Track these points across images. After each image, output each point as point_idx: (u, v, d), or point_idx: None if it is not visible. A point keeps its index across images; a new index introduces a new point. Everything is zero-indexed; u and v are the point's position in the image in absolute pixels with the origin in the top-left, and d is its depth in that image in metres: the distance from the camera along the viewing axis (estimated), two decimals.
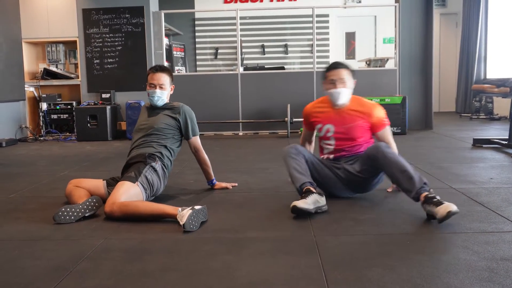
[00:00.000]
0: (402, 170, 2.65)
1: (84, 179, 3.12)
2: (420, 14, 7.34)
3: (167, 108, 3.32)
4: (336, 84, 2.98)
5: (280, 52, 9.99)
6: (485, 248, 2.09)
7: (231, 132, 7.38)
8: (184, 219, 2.45)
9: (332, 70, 3.03)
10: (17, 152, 5.92)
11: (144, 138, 3.20)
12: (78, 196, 2.91)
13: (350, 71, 3.04)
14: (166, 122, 3.24)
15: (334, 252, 2.11)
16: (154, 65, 3.39)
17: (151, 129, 3.21)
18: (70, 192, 2.99)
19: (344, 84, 2.98)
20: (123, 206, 2.68)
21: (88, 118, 6.92)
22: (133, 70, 7.24)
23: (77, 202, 2.83)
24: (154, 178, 2.99)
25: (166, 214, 2.64)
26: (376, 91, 7.08)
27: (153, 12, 7.38)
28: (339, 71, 3.00)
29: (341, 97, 3.00)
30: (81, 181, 3.07)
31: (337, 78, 2.98)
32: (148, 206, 2.72)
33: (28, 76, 7.55)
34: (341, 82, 2.98)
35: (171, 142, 3.24)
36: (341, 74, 2.99)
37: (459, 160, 4.41)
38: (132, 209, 2.68)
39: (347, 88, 3.00)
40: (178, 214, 2.54)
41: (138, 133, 3.27)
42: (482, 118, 8.74)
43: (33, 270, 1.99)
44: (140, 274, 1.92)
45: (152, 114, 3.31)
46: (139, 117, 3.41)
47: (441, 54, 10.48)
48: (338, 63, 3.06)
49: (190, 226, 2.44)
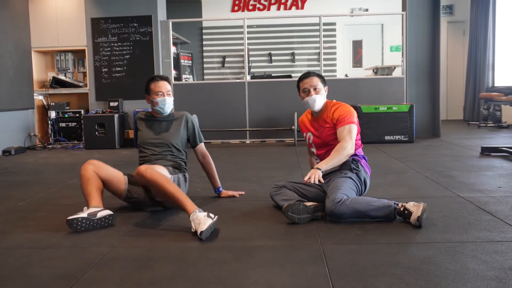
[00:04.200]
0: (368, 209, 2.67)
1: (105, 166, 2.96)
2: (428, 22, 7.33)
3: (173, 120, 3.34)
4: (310, 92, 3.08)
5: (287, 60, 10.02)
6: (494, 258, 2.07)
7: (238, 140, 7.40)
8: (204, 227, 2.43)
9: (304, 79, 3.13)
10: (26, 160, 5.96)
11: (159, 154, 3.21)
12: (92, 191, 2.80)
13: (321, 78, 3.14)
14: (181, 136, 3.31)
15: (342, 261, 2.10)
16: (153, 76, 3.35)
17: (166, 145, 3.25)
18: (87, 179, 2.84)
19: (317, 91, 3.07)
20: (157, 174, 2.74)
21: (96, 126, 6.97)
22: (141, 79, 7.26)
23: (89, 197, 2.77)
24: (182, 185, 3.13)
25: (183, 206, 2.65)
26: (383, 99, 7.07)
27: (161, 21, 7.44)
28: (311, 79, 3.11)
29: (316, 104, 3.08)
30: (101, 168, 2.92)
31: (309, 86, 3.09)
32: (175, 188, 2.73)
33: (37, 84, 7.62)
34: (314, 89, 3.08)
35: (184, 155, 3.36)
36: (313, 82, 3.09)
37: (467, 169, 4.38)
38: (161, 181, 2.71)
39: (320, 94, 3.08)
40: (194, 214, 2.54)
41: (150, 148, 3.24)
42: (490, 126, 8.69)
43: (42, 278, 2.01)
44: (148, 283, 1.92)
45: (161, 128, 3.30)
46: (141, 130, 3.34)
47: (448, 62, 10.46)
48: (309, 72, 3.18)
49: (207, 235, 2.45)
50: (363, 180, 2.99)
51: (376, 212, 2.66)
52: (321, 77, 3.16)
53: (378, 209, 2.66)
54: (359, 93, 7.18)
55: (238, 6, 9.96)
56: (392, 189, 3.62)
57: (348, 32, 10.06)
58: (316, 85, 3.08)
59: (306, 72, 3.19)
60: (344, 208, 2.64)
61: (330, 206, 2.66)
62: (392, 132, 6.63)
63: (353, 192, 2.85)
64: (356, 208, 2.66)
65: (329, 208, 2.67)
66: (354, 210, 2.66)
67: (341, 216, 2.67)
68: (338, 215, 2.66)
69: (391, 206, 2.65)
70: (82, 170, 2.89)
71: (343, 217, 2.67)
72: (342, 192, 2.75)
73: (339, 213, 2.65)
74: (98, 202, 2.79)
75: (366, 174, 3.03)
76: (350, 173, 2.94)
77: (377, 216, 2.67)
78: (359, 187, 2.95)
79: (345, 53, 10.11)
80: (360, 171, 2.98)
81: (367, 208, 2.67)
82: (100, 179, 2.90)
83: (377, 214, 2.66)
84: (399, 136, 6.62)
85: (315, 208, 2.75)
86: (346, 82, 7.57)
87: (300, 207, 2.70)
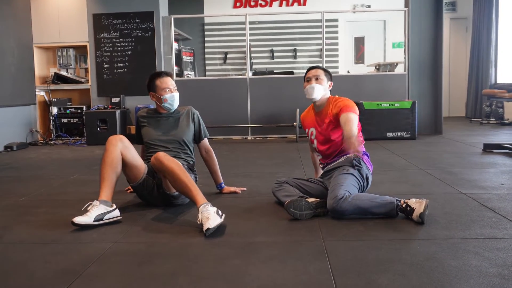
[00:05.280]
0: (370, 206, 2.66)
1: (133, 149, 2.91)
2: (430, 19, 7.31)
3: (180, 115, 3.32)
4: (311, 81, 3.11)
5: (289, 56, 10.00)
6: (496, 254, 2.06)
7: (240, 137, 7.39)
8: (212, 225, 2.41)
9: (310, 70, 3.19)
10: (28, 155, 5.96)
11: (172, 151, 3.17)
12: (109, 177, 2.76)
13: (326, 72, 3.16)
14: (190, 131, 3.30)
15: (344, 257, 2.10)
16: (156, 72, 3.27)
17: (178, 142, 3.23)
18: (111, 160, 2.79)
19: (319, 81, 3.10)
20: (174, 161, 2.74)
21: (98, 122, 6.96)
22: (143, 75, 7.23)
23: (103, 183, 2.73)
24: None
25: (193, 197, 2.64)
26: (386, 96, 7.06)
27: (162, 17, 7.42)
28: (316, 70, 3.16)
29: (315, 92, 3.08)
30: (128, 150, 2.87)
31: (312, 76, 3.12)
32: (188, 177, 2.72)
33: (39, 80, 7.62)
34: (316, 78, 3.10)
35: (193, 153, 3.34)
36: (317, 72, 3.13)
37: (469, 165, 4.37)
38: (177, 169, 2.70)
39: (321, 85, 3.09)
40: (204, 207, 2.53)
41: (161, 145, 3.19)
42: (493, 123, 8.67)
43: (43, 273, 2.00)
44: (149, 278, 1.92)
45: (170, 125, 3.27)
46: (147, 126, 3.28)
47: (451, 59, 10.43)
48: (315, 66, 3.23)
49: (211, 232, 2.42)
50: (365, 177, 2.98)
51: (378, 209, 2.66)
52: (327, 71, 3.18)
53: (380, 205, 2.66)
54: (361, 89, 7.17)
55: (240, 2, 9.93)
56: (394, 185, 3.61)
57: (350, 28, 10.03)
58: (319, 75, 3.10)
59: (313, 65, 3.24)
60: (346, 204, 2.64)
61: (332, 203, 2.66)
62: (394, 128, 6.61)
63: (355, 188, 2.84)
64: (358, 204, 2.65)
65: (331, 204, 2.66)
66: (356, 207, 2.65)
67: (343, 213, 2.66)
68: (340, 211, 2.65)
69: (393, 203, 2.65)
70: (109, 145, 2.84)
71: (345, 214, 2.67)
72: (344, 188, 2.74)
73: (341, 209, 2.64)
74: (108, 195, 2.73)
75: (368, 170, 3.02)
76: (352, 170, 2.93)
77: (379, 213, 2.66)
78: (361, 184, 2.95)
79: (347, 50, 10.08)
80: (362, 168, 2.97)
81: (369, 205, 2.66)
82: (123, 160, 2.85)
83: (379, 211, 2.66)
84: (401, 132, 6.60)
85: (317, 204, 2.75)
86: (348, 78, 7.55)
87: (302, 203, 2.70)
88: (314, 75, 3.11)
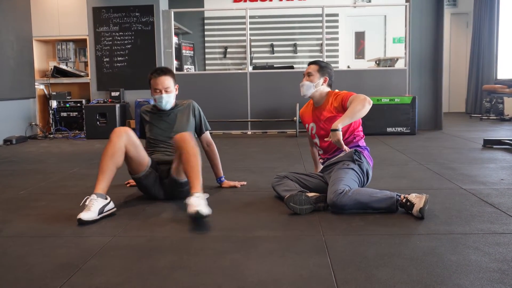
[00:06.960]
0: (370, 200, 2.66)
1: (138, 143, 2.90)
2: (431, 14, 7.29)
3: (181, 109, 3.30)
4: (304, 77, 3.14)
5: (289, 51, 9.97)
6: (496, 250, 2.06)
7: (240, 131, 7.38)
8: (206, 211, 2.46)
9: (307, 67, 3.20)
10: (27, 149, 5.96)
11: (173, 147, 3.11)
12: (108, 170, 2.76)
13: (319, 67, 3.15)
14: (191, 124, 3.29)
15: (344, 252, 2.10)
16: (154, 69, 3.25)
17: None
18: (112, 152, 2.78)
19: (310, 78, 3.11)
20: (197, 146, 2.80)
21: (97, 116, 6.95)
22: (143, 69, 7.25)
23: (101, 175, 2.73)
24: None
25: (193, 181, 2.66)
26: (386, 91, 7.05)
27: (162, 11, 7.40)
28: (309, 66, 3.18)
29: (303, 89, 3.13)
30: (133, 144, 2.86)
31: (305, 73, 3.15)
32: (200, 166, 2.75)
33: (38, 74, 7.60)
34: (307, 75, 3.13)
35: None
36: (309, 69, 3.16)
37: (469, 161, 4.37)
38: (196, 152, 2.75)
39: (312, 82, 3.10)
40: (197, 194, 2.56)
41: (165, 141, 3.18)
42: (493, 119, 8.67)
43: (43, 266, 2.00)
44: (149, 272, 1.92)
45: (172, 120, 3.26)
46: (149, 122, 3.28)
47: (451, 54, 10.41)
48: (312, 61, 3.21)
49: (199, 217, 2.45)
50: (366, 172, 2.98)
51: (378, 204, 2.65)
52: (322, 66, 3.15)
53: (380, 200, 2.66)
54: (361, 84, 7.15)
55: None
56: (394, 180, 3.61)
57: (351, 23, 10.00)
58: (310, 72, 3.12)
59: (313, 60, 3.24)
60: (346, 199, 2.64)
61: (332, 197, 2.66)
62: (394, 124, 6.61)
63: (355, 183, 2.84)
64: (358, 199, 2.65)
65: (331, 199, 2.66)
66: (356, 202, 2.65)
67: (343, 207, 2.66)
68: (340, 206, 2.65)
69: (393, 198, 2.64)
70: (114, 136, 2.82)
71: (345, 208, 2.67)
72: (344, 183, 2.74)
73: (341, 204, 2.64)
74: (104, 188, 2.73)
75: (368, 165, 3.02)
76: (352, 164, 2.93)
77: (379, 208, 2.66)
78: (361, 178, 2.94)
79: (348, 45, 10.05)
80: (363, 162, 2.97)
81: (369, 200, 2.66)
82: (127, 153, 2.84)
83: (379, 206, 2.66)
84: (401, 128, 6.60)
85: (317, 199, 2.75)
86: (349, 73, 7.53)
87: (302, 197, 2.69)
88: (306, 72, 3.14)
